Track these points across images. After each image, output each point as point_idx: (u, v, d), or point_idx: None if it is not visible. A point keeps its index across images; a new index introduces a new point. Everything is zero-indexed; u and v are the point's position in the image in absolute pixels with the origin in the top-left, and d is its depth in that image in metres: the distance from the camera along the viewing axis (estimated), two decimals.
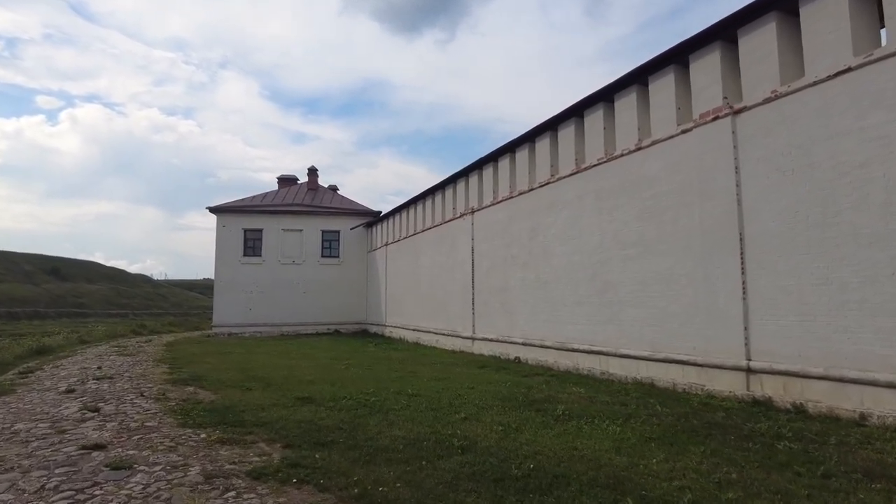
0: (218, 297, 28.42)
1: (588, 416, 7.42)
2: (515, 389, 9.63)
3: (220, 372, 12.36)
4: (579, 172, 12.65)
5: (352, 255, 30.25)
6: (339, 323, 29.54)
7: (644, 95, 11.08)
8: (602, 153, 11.95)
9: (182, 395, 9.19)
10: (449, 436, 6.05)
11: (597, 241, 12.00)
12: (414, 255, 23.05)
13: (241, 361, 14.59)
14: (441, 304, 20.03)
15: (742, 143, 8.87)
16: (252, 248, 29.17)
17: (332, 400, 8.44)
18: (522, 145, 15.03)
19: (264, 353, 17.29)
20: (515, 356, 14.65)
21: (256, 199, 30.73)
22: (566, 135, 13.19)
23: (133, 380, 11.20)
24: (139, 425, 6.78)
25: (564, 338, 12.87)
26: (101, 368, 13.23)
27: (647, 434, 6.41)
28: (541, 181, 14.07)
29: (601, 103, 12.08)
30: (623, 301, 11.18)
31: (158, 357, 16.20)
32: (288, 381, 10.58)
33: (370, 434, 6.20)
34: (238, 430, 6.48)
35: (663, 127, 10.41)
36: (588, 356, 12.01)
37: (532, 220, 14.38)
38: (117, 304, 70.16)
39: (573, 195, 12.83)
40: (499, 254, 16.02)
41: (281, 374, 11.81)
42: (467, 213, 18.04)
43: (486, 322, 16.68)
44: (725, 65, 9.28)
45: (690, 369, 9.53)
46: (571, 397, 8.91)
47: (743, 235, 8.76)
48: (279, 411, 7.56)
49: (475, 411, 7.62)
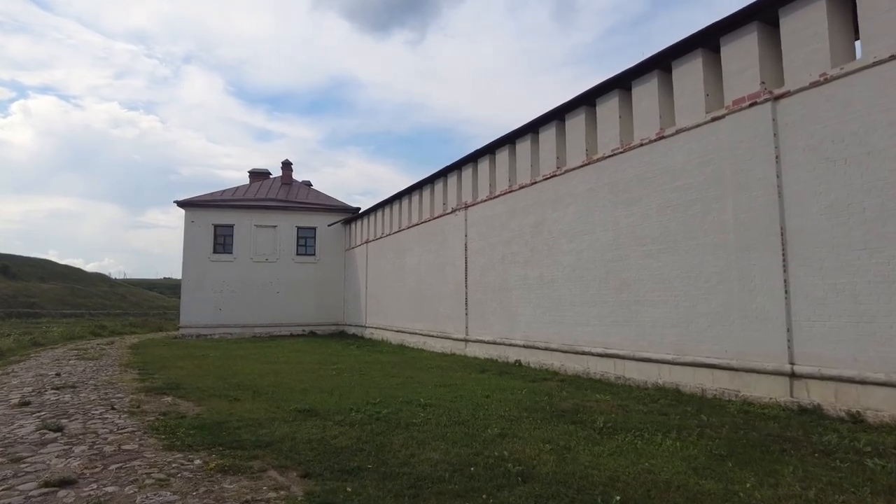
0: (186, 297, 26.72)
1: (633, 428, 6.62)
2: (536, 397, 8.78)
3: (198, 378, 11.12)
4: (591, 164, 11.91)
5: (329, 254, 28.95)
6: (314, 324, 28.20)
7: (666, 81, 10.39)
8: (618, 143, 11.23)
9: (160, 408, 7.98)
10: (497, 459, 5.13)
11: (611, 237, 11.27)
12: (398, 252, 22.01)
13: (219, 366, 13.32)
14: (429, 304, 19.07)
15: (783, 130, 8.24)
16: (223, 245, 27.56)
17: (337, 412, 7.40)
18: (524, 136, 14.23)
19: (242, 356, 15.99)
20: (516, 359, 13.82)
21: (227, 194, 29.10)
22: (575, 124, 12.44)
23: (99, 389, 9.87)
24: (115, 449, 5.61)
25: (573, 340, 12.10)
26: (59, 375, 11.78)
27: (712, 450, 5.64)
28: (545, 174, 13.28)
29: (616, 91, 11.37)
30: (642, 301, 10.47)
31: (125, 361, 14.73)
32: (278, 390, 9.47)
33: (401, 457, 5.22)
34: (239, 453, 5.40)
35: (689, 114, 9.74)
36: (601, 359, 11.27)
37: (535, 215, 13.58)
38: (72, 303, 66.55)
39: (584, 188, 12.08)
40: (496, 251, 15.17)
41: (268, 380, 10.66)
42: (460, 209, 17.14)
43: (480, 323, 15.81)
44: (763, 48, 8.65)
45: (722, 373, 8.86)
46: (601, 406, 8.11)
47: (785, 230, 8.12)
48: (281, 428, 6.50)
49: (506, 425, 6.73)
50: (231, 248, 27.54)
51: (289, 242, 28.38)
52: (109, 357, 16.09)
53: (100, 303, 72.54)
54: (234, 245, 27.56)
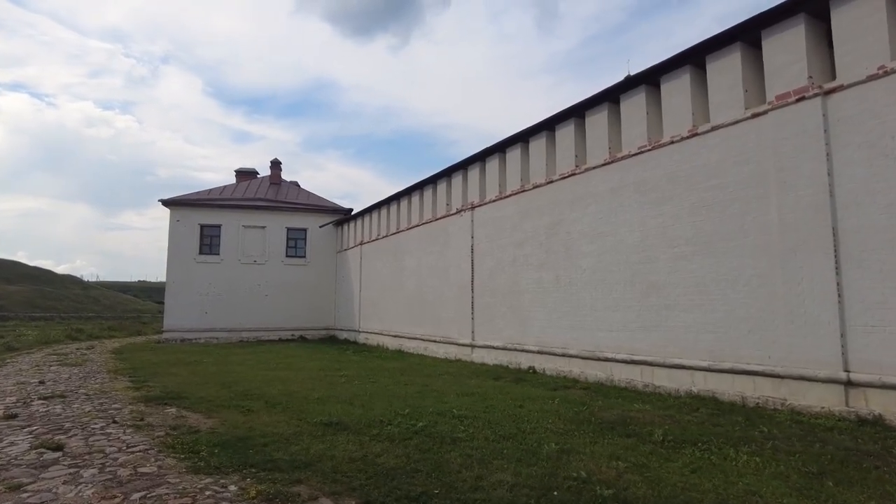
0: (170, 299, 25.58)
1: (695, 441, 6.11)
2: (572, 407, 8.21)
3: (197, 387, 10.30)
4: (614, 162, 11.45)
5: (319, 256, 28.08)
6: (304, 328, 27.28)
7: (699, 77, 9.99)
8: (645, 141, 10.79)
9: (167, 421, 7.20)
10: (578, 480, 4.54)
11: (637, 239, 10.81)
12: (396, 255, 21.32)
13: (216, 373, 12.47)
14: (430, 308, 18.42)
15: (835, 126, 7.85)
16: (209, 246, 26.51)
17: (368, 425, 6.73)
18: (538, 134, 13.73)
19: (237, 362, 15.12)
20: (529, 366, 13.26)
21: (214, 193, 28.05)
22: (597, 121, 11.98)
23: (92, 398, 9.00)
24: (132, 472, 4.85)
25: (594, 346, 11.60)
26: (44, 383, 10.82)
27: (799, 467, 5.15)
28: (563, 172, 12.79)
29: (642, 87, 10.94)
30: (672, 305, 10.01)
31: (111, 367, 13.76)
32: (292, 399, 8.73)
33: (467, 480, 4.60)
34: (277, 476, 4.71)
35: (726, 111, 9.33)
36: (626, 366, 10.78)
37: (551, 215, 13.08)
38: (42, 306, 63.95)
39: (606, 187, 11.61)
40: (507, 253, 14.62)
41: (275, 389, 9.90)
42: (466, 209, 16.56)
43: (488, 328, 15.23)
44: (810, 41, 8.28)
45: (765, 381, 8.43)
46: (647, 416, 7.59)
47: (837, 231, 7.73)
48: (313, 444, 5.81)
49: (560, 439, 6.14)
50: (218, 249, 26.50)
51: (278, 244, 27.44)
52: (93, 363, 15.06)
53: (72, 306, 69.90)
54: (221, 246, 26.52)
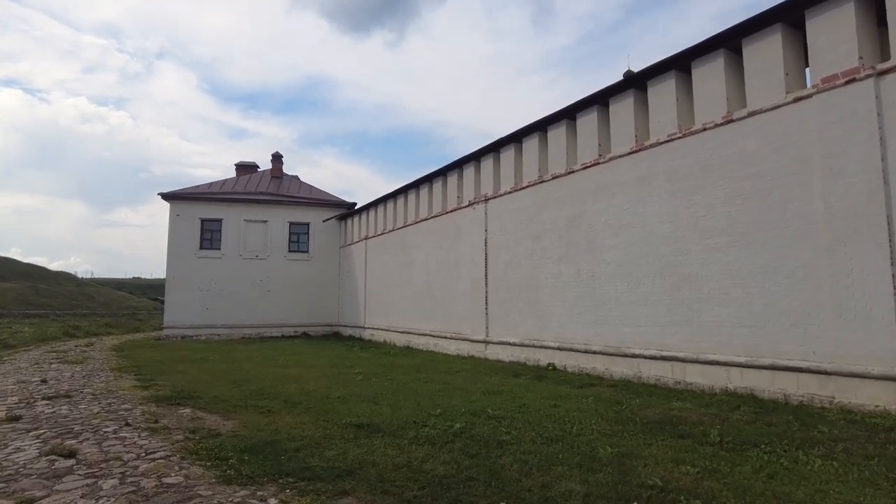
0: (170, 295, 25.01)
1: (755, 443, 5.69)
2: (609, 406, 7.79)
3: (208, 385, 9.82)
4: (641, 151, 11.01)
5: (323, 251, 27.56)
6: (307, 325, 26.78)
7: (734, 61, 9.56)
8: (675, 128, 10.35)
9: (183, 423, 6.72)
10: (657, 490, 4.11)
11: (667, 230, 10.38)
12: (403, 249, 20.84)
13: (225, 371, 11.98)
14: (440, 303, 17.97)
15: (890, 109, 7.44)
16: (210, 241, 25.93)
17: (402, 427, 6.28)
18: (557, 123, 13.27)
19: (244, 359, 14.63)
20: (549, 363, 12.84)
21: (215, 186, 27.44)
22: (621, 109, 11.53)
23: (99, 398, 8.50)
24: (157, 484, 4.37)
25: (619, 342, 11.18)
26: (46, 382, 10.31)
27: (884, 473, 4.73)
28: (584, 162, 12.34)
29: (672, 72, 10.49)
30: (706, 298, 9.60)
31: (114, 365, 13.25)
32: (311, 398, 8.27)
33: (533, 489, 4.15)
34: (320, 486, 4.25)
35: (765, 95, 8.90)
36: (654, 362, 10.37)
37: (571, 207, 12.63)
38: (36, 303, 63.19)
39: (632, 177, 11.17)
40: (523, 246, 14.18)
41: (291, 387, 9.44)
42: (479, 202, 16.10)
43: (503, 324, 14.79)
44: (860, 20, 7.85)
45: (809, 378, 8.02)
46: (691, 415, 7.17)
47: (892, 219, 7.32)
48: (349, 449, 5.35)
49: (611, 441, 5.72)
50: (219, 243, 25.93)
51: (280, 238, 26.90)
52: (95, 360, 14.54)
53: (66, 303, 69.11)
54: (223, 241, 25.96)
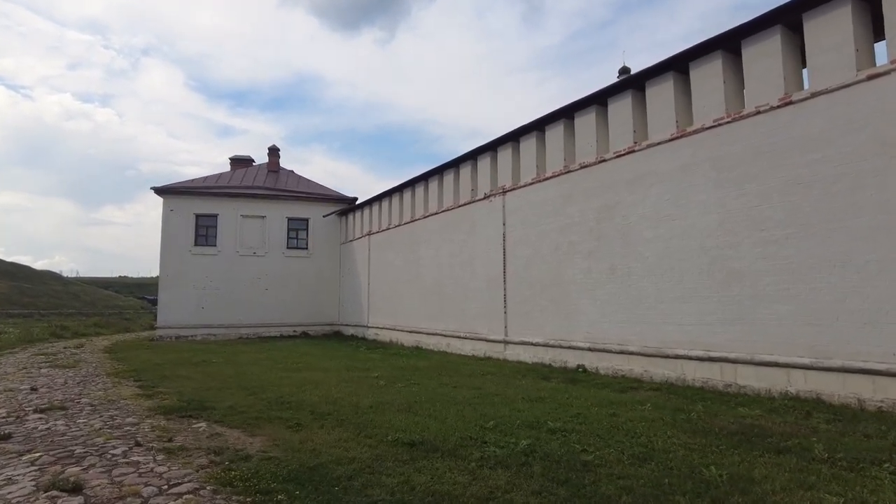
0: (164, 294, 23.95)
1: (875, 460, 4.95)
2: (673, 415, 7.03)
3: (218, 393, 8.92)
4: (683, 137, 10.27)
5: (323, 247, 26.61)
6: (307, 324, 25.84)
7: (792, 40, 8.85)
8: (722, 112, 9.62)
9: (202, 441, 5.85)
10: None
11: (715, 222, 9.65)
12: (411, 245, 19.99)
13: (232, 375, 11.07)
14: (452, 301, 17.16)
15: None
16: (205, 237, 24.89)
17: (459, 445, 5.47)
18: (585, 109, 12.50)
19: (249, 361, 13.71)
20: (578, 364, 12.09)
21: (210, 181, 26.38)
22: (659, 92, 10.79)
23: (99, 410, 7.57)
24: None
25: (659, 342, 10.45)
26: (36, 390, 9.35)
27: None
28: (618, 150, 11.58)
29: (718, 52, 9.76)
30: (760, 294, 8.88)
31: (110, 369, 12.28)
32: (339, 408, 7.42)
33: None
34: None
35: (831, 74, 8.17)
36: (701, 364, 9.65)
37: (603, 198, 11.87)
38: (19, 303, 61.31)
39: (673, 165, 10.43)
40: (547, 240, 13.40)
41: (312, 395, 8.57)
42: (495, 194, 15.30)
43: (524, 323, 14.02)
44: None
45: (889, 381, 7.32)
46: (768, 424, 6.43)
47: None
48: (410, 475, 4.52)
49: (704, 458, 4.94)
50: (214, 239, 24.90)
51: (279, 234, 25.91)
52: (88, 364, 13.54)
53: (51, 302, 67.28)
54: (218, 237, 24.93)
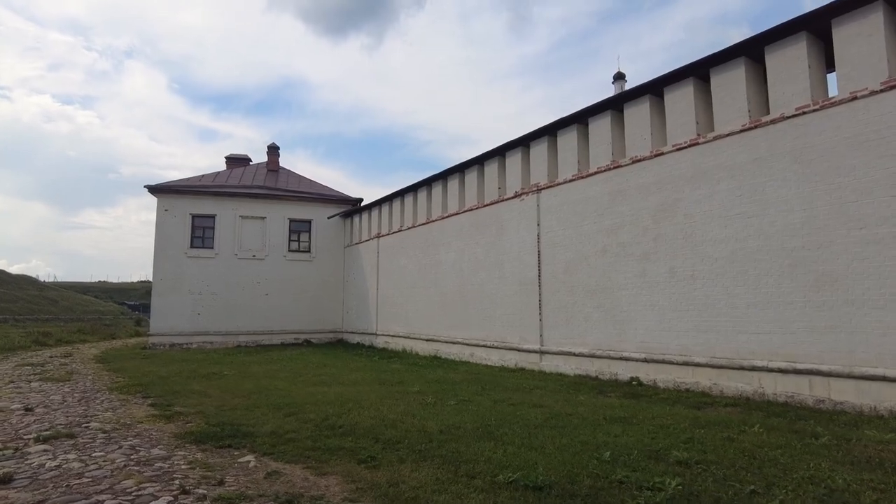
0: (157, 299, 22.45)
1: None
2: (800, 441, 6.02)
3: (247, 413, 7.70)
4: (758, 128, 9.36)
5: (326, 250, 25.33)
6: (309, 331, 24.52)
7: (892, 17, 7.98)
8: (806, 100, 8.72)
9: (261, 483, 4.66)
10: None
11: (797, 219, 8.73)
12: (427, 248, 18.86)
13: (253, 390, 9.82)
14: (477, 308, 16.07)
15: None
16: (202, 239, 23.47)
17: (597, 488, 4.39)
18: (637, 99, 11.56)
19: (266, 374, 12.43)
20: (631, 376, 11.07)
21: (206, 179, 24.97)
22: (728, 81, 9.87)
23: (115, 438, 6.31)
24: None
25: (732, 352, 9.48)
26: (32, 410, 8.02)
27: None
28: (678, 143, 10.64)
29: (802, 34, 8.88)
30: (858, 300, 7.95)
31: (110, 383, 10.95)
32: (406, 435, 6.26)
33: None
34: None
35: None
36: (784, 377, 8.69)
37: (660, 195, 10.92)
38: None
39: (746, 158, 9.51)
40: (592, 242, 12.39)
41: (361, 416, 7.39)
42: (528, 192, 14.28)
43: (564, 331, 12.98)
44: None
45: None
46: None
47: None
48: None
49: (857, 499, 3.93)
50: (212, 242, 23.49)
51: (279, 237, 24.58)
52: (83, 376, 12.16)
53: (27, 307, 64.61)
54: (216, 239, 23.53)
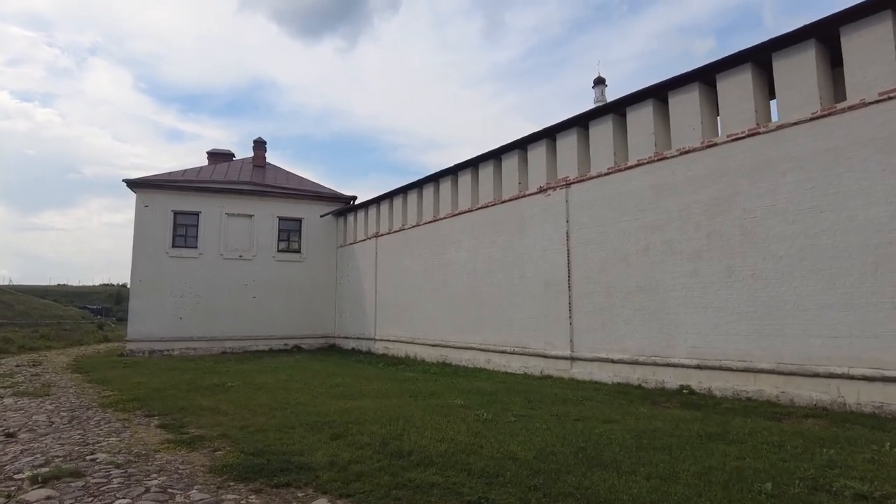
0: (135, 302, 20.75)
1: None
2: None
3: (282, 435, 6.51)
4: (832, 115, 8.65)
5: (317, 250, 23.99)
6: (299, 336, 23.12)
7: None
8: (891, 84, 8.05)
9: None
10: None
11: (885, 214, 8.02)
12: (434, 247, 17.79)
13: (272, 405, 8.57)
14: (494, 311, 15.07)
15: None
16: (184, 237, 21.88)
17: None
18: (684, 87, 10.78)
19: (276, 385, 11.11)
20: (681, 384, 10.24)
21: (189, 174, 23.33)
22: (794, 66, 9.15)
23: (136, 475, 5.05)
24: None
25: (803, 357, 8.72)
26: (13, 436, 6.65)
27: None
28: (734, 133, 9.89)
29: (888, 12, 8.20)
30: None
31: (99, 398, 9.53)
32: (498, 467, 5.17)
33: None
34: None
35: None
36: (870, 385, 7.95)
37: (714, 188, 10.14)
38: None
39: (817, 148, 8.79)
40: (632, 240, 11.54)
41: (426, 439, 6.26)
42: (555, 187, 13.38)
43: (599, 336, 12.08)
44: None
45: None
46: None
47: None
48: None
49: None
50: (195, 240, 21.92)
51: (268, 236, 23.15)
52: (63, 389, 10.66)
53: None
54: (200, 237, 21.96)
